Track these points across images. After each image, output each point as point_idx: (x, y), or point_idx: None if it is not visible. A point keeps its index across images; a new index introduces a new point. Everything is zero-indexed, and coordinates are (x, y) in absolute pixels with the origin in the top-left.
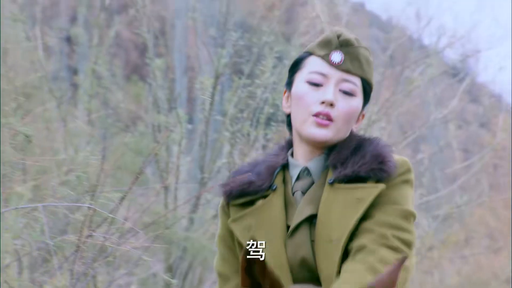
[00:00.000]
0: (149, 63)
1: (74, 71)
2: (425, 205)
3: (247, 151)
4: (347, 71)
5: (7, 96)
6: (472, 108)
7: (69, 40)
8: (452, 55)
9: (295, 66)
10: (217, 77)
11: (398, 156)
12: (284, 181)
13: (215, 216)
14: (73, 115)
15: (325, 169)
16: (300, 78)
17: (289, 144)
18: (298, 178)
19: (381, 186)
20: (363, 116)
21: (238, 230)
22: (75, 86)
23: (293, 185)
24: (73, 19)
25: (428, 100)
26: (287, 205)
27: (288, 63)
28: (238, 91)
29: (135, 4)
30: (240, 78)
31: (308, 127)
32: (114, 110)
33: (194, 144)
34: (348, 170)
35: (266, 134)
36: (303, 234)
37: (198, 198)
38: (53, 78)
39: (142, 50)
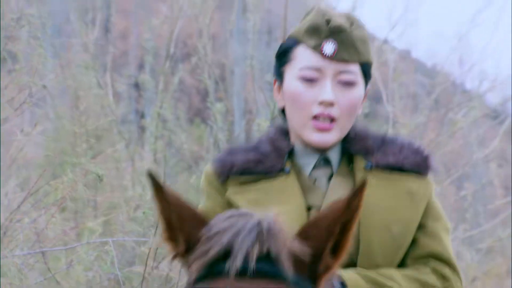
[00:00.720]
0: (210, 106)
1: (141, 115)
2: (469, 239)
3: None
4: (343, 61)
5: (80, 139)
6: None
7: (137, 86)
8: (493, 99)
9: (284, 56)
10: (272, 119)
11: None
12: (295, 168)
13: None
14: (140, 155)
15: (345, 158)
16: (291, 73)
17: (283, 132)
18: (314, 167)
19: (432, 184)
20: (366, 96)
21: (242, 201)
22: (142, 129)
23: (310, 173)
24: (141, 67)
25: (471, 141)
26: (306, 189)
27: None
28: None
29: (198, 53)
30: None
31: (309, 133)
32: (178, 151)
33: None
34: (391, 159)
35: None
36: None
37: None
38: (122, 121)
39: (204, 95)
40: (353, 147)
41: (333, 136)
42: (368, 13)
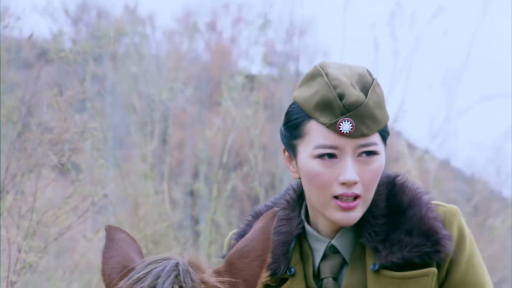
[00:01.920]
0: None
1: (196, 221)
2: None
3: None
4: (363, 136)
5: (139, 244)
6: None
7: (192, 193)
8: None
9: (295, 129)
10: None
11: (442, 208)
12: (302, 256)
13: None
14: None
15: (357, 244)
16: (306, 151)
17: (300, 197)
18: (323, 257)
19: (433, 273)
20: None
21: None
22: (196, 234)
23: (319, 266)
24: (196, 176)
25: (509, 246)
26: None
27: None
28: None
29: (249, 162)
30: None
31: (332, 212)
32: None
33: None
34: (396, 256)
35: None
36: None
37: None
38: (178, 227)
39: (255, 201)
40: (364, 239)
41: (358, 213)
42: (410, 124)
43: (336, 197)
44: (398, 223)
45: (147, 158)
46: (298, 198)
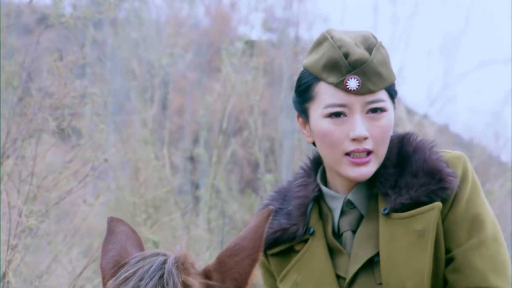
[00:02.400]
0: (261, 177)
1: (196, 186)
2: None
3: None
4: (370, 92)
5: (139, 209)
6: None
7: (192, 159)
8: None
9: (305, 93)
10: None
11: (449, 154)
12: (322, 216)
13: None
14: (195, 223)
15: (372, 196)
16: (317, 112)
17: (316, 164)
18: (342, 213)
19: (437, 206)
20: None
21: None
22: (196, 199)
23: (338, 222)
24: (196, 141)
25: (508, 210)
26: (333, 251)
27: None
28: None
29: (249, 127)
30: None
31: (345, 169)
32: (230, 219)
33: None
34: (405, 197)
35: None
36: (364, 282)
37: None
38: (178, 192)
39: (255, 166)
40: (377, 186)
41: (371, 168)
42: (409, 90)
43: (348, 154)
44: (404, 169)
45: (147, 124)
46: (314, 165)
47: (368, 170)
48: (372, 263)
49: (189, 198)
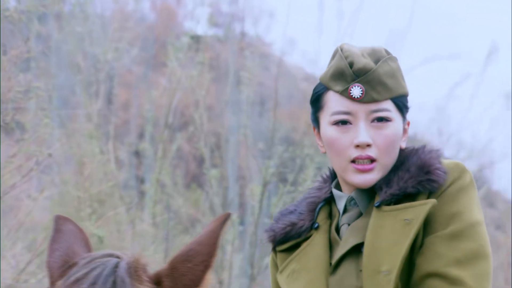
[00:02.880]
0: (206, 172)
1: (141, 180)
2: None
3: None
4: (374, 101)
5: (83, 203)
6: (489, 213)
7: (137, 153)
8: (470, 166)
9: (317, 102)
10: (264, 184)
11: (449, 160)
12: (331, 216)
13: None
14: (140, 218)
15: (372, 194)
16: (325, 120)
17: (334, 174)
18: (345, 210)
19: (431, 202)
20: (407, 128)
21: (282, 280)
22: (142, 193)
23: (340, 218)
24: (141, 136)
25: None
26: (332, 243)
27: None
28: (283, 196)
29: (194, 122)
30: (285, 186)
31: (351, 176)
32: (176, 214)
33: (245, 244)
34: (394, 188)
35: None
36: (348, 267)
37: None
38: (123, 187)
39: (200, 161)
40: (376, 184)
41: (375, 175)
42: None
43: (353, 162)
44: (401, 167)
45: (92, 118)
46: (332, 174)
47: (372, 177)
48: (358, 252)
49: (134, 192)
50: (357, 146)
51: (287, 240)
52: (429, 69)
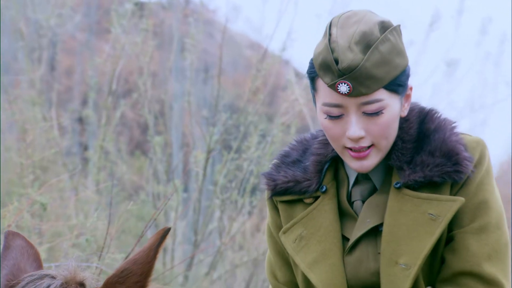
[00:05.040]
0: (150, 139)
1: (85, 147)
2: None
3: (235, 216)
4: (362, 95)
5: (26, 170)
6: None
7: (80, 120)
8: None
9: (312, 82)
10: (209, 152)
11: (470, 138)
12: (337, 178)
13: (207, 274)
14: (83, 185)
15: (387, 169)
16: (318, 105)
17: None
18: (356, 182)
19: (459, 201)
20: (410, 93)
21: (288, 243)
22: (85, 160)
23: (351, 190)
24: (84, 102)
25: None
26: (343, 212)
27: (270, 140)
28: (227, 164)
29: (138, 89)
30: (228, 153)
31: (348, 160)
32: (119, 181)
33: (189, 210)
34: (419, 174)
35: (251, 202)
36: (365, 249)
37: (192, 258)
38: (66, 154)
39: (144, 128)
40: (392, 159)
41: (372, 161)
42: (298, 53)
43: (349, 149)
44: (422, 146)
45: (35, 84)
46: None
47: (368, 163)
48: (376, 232)
49: (78, 159)
50: (349, 139)
51: (288, 194)
52: None
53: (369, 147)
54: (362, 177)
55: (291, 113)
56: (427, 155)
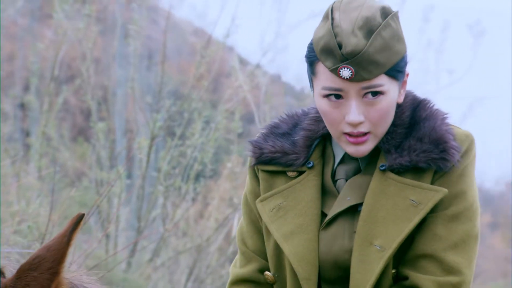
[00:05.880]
0: (93, 126)
1: (27, 133)
2: None
3: (178, 203)
4: (364, 80)
5: None
6: None
7: (22, 106)
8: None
9: (310, 66)
10: (152, 138)
11: (460, 131)
12: (324, 156)
13: (150, 260)
14: (25, 171)
15: (374, 151)
16: (317, 89)
17: None
18: (342, 161)
19: (442, 192)
20: (406, 79)
21: (265, 211)
22: (27, 146)
23: (335, 168)
24: (26, 88)
25: None
26: (325, 190)
27: (214, 126)
28: (171, 150)
29: (81, 75)
30: (172, 139)
31: (344, 145)
32: (62, 167)
33: (132, 197)
34: (405, 159)
35: (195, 188)
36: (341, 226)
37: (135, 244)
38: (8, 139)
39: (87, 114)
40: (381, 142)
41: (368, 146)
42: (242, 39)
43: (346, 134)
44: (412, 132)
45: None
46: None
47: (365, 148)
48: (355, 211)
49: (20, 145)
50: (349, 124)
51: (273, 164)
52: (315, 23)
53: (366, 134)
54: (348, 157)
55: (235, 100)
56: (415, 140)
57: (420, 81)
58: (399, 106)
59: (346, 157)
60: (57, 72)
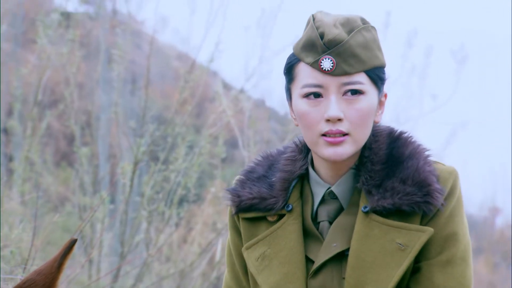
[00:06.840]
0: (76, 151)
1: (10, 158)
2: None
3: (162, 228)
4: (345, 74)
5: None
6: None
7: (5, 131)
8: None
9: (289, 74)
10: (136, 163)
11: (443, 168)
12: (302, 196)
13: (133, 286)
14: (8, 196)
15: (355, 190)
16: (296, 92)
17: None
18: (322, 201)
19: (429, 232)
20: (384, 100)
21: (251, 260)
22: (10, 171)
23: (317, 209)
24: (9, 113)
25: None
26: (307, 233)
27: (198, 151)
28: (154, 175)
29: (65, 99)
30: (156, 164)
31: (322, 149)
32: (45, 193)
33: (115, 222)
34: (388, 201)
35: (179, 213)
36: (330, 273)
37: (118, 269)
38: None
39: (70, 139)
40: (361, 181)
41: (346, 149)
42: (226, 64)
43: (324, 135)
44: (394, 172)
45: None
46: (306, 146)
47: (343, 150)
48: (342, 256)
49: (3, 170)
50: (328, 120)
51: (253, 210)
52: None
53: (344, 135)
54: (329, 196)
55: (218, 125)
56: (398, 182)
57: (404, 106)
58: (375, 141)
59: (326, 197)
60: (40, 97)
